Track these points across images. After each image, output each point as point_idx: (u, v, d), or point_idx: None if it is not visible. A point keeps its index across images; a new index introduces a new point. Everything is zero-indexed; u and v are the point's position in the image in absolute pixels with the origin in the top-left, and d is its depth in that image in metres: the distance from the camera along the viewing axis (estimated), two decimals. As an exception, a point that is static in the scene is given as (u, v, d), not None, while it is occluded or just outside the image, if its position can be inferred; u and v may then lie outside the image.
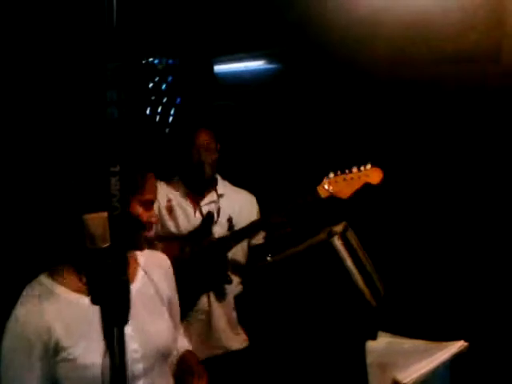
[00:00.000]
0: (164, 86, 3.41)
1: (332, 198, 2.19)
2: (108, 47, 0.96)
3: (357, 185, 2.17)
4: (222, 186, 2.41)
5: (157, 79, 3.38)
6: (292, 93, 3.07)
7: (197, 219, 2.32)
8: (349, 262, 1.92)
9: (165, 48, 3.29)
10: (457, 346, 1.36)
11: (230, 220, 2.29)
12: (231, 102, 3.34)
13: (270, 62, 3.39)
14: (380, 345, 1.37)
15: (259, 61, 3.39)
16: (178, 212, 2.33)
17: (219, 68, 3.45)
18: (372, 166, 2.18)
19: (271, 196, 2.33)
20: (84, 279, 1.34)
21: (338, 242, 1.93)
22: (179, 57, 3.40)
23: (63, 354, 1.30)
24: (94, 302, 1.09)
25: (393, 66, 2.58)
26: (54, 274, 1.35)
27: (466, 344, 1.38)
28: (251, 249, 2.40)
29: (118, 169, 0.99)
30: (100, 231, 1.18)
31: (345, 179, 2.18)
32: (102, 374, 1.21)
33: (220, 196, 2.36)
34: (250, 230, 2.25)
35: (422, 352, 1.33)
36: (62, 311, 1.31)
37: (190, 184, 2.37)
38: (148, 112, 3.36)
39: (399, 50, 2.52)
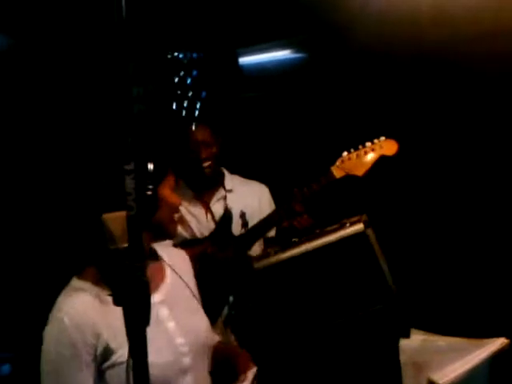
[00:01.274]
0: (189, 80, 3.39)
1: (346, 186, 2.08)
2: (120, 42, 0.94)
3: (372, 159, 2.04)
4: (230, 180, 2.32)
5: (182, 73, 3.36)
6: (318, 82, 3.00)
7: (209, 222, 2.25)
8: (379, 254, 1.85)
9: (189, 42, 3.27)
10: (497, 343, 1.29)
11: (242, 215, 2.17)
12: (257, 94, 3.29)
13: (296, 52, 3.32)
14: (414, 343, 1.31)
15: (284, 50, 3.33)
16: (189, 218, 2.24)
17: (244, 60, 3.40)
18: (386, 138, 2.05)
19: (291, 186, 2.24)
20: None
21: (371, 234, 1.85)
22: (203, 50, 3.37)
23: (113, 358, 1.27)
24: (115, 303, 1.07)
25: (417, 48, 2.49)
26: (85, 276, 1.33)
27: (507, 341, 1.31)
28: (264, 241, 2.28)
29: (132, 167, 0.97)
30: (120, 231, 1.16)
31: (358, 155, 2.05)
32: (127, 376, 1.20)
33: (229, 191, 2.28)
34: (267, 223, 2.15)
35: (459, 350, 1.26)
36: (104, 313, 1.27)
37: (194, 185, 2.27)
38: (174, 107, 3.35)
39: (422, 30, 2.43)
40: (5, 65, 2.49)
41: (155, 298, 1.34)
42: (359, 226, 1.85)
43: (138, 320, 1.07)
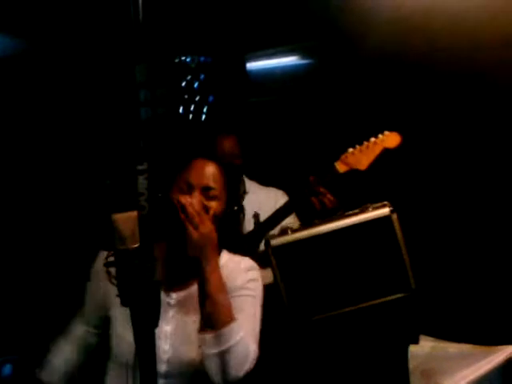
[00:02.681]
0: (196, 85, 3.39)
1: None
2: (135, 47, 0.94)
3: (374, 153, 2.06)
4: (247, 184, 2.36)
5: (189, 78, 3.36)
6: (326, 88, 3.00)
7: None
8: (402, 243, 1.79)
9: (197, 46, 3.27)
10: (508, 350, 1.27)
11: (256, 216, 2.19)
12: (264, 99, 3.29)
13: (303, 58, 3.32)
14: (423, 349, 1.29)
15: (292, 56, 3.33)
16: None
17: (252, 65, 3.41)
18: (389, 132, 2.08)
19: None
20: None
21: (396, 220, 1.79)
22: (211, 54, 3.37)
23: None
24: (123, 303, 1.06)
25: (428, 55, 2.49)
26: None
27: (518, 349, 1.29)
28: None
29: (145, 167, 0.96)
30: (129, 231, 1.15)
31: (361, 150, 2.09)
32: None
33: (244, 193, 2.30)
34: (278, 215, 2.15)
35: (470, 357, 1.24)
36: None
37: None
38: (181, 111, 3.35)
39: (433, 36, 2.43)
40: (17, 68, 2.51)
41: (172, 296, 1.40)
42: (385, 210, 1.80)
43: (146, 321, 1.06)
